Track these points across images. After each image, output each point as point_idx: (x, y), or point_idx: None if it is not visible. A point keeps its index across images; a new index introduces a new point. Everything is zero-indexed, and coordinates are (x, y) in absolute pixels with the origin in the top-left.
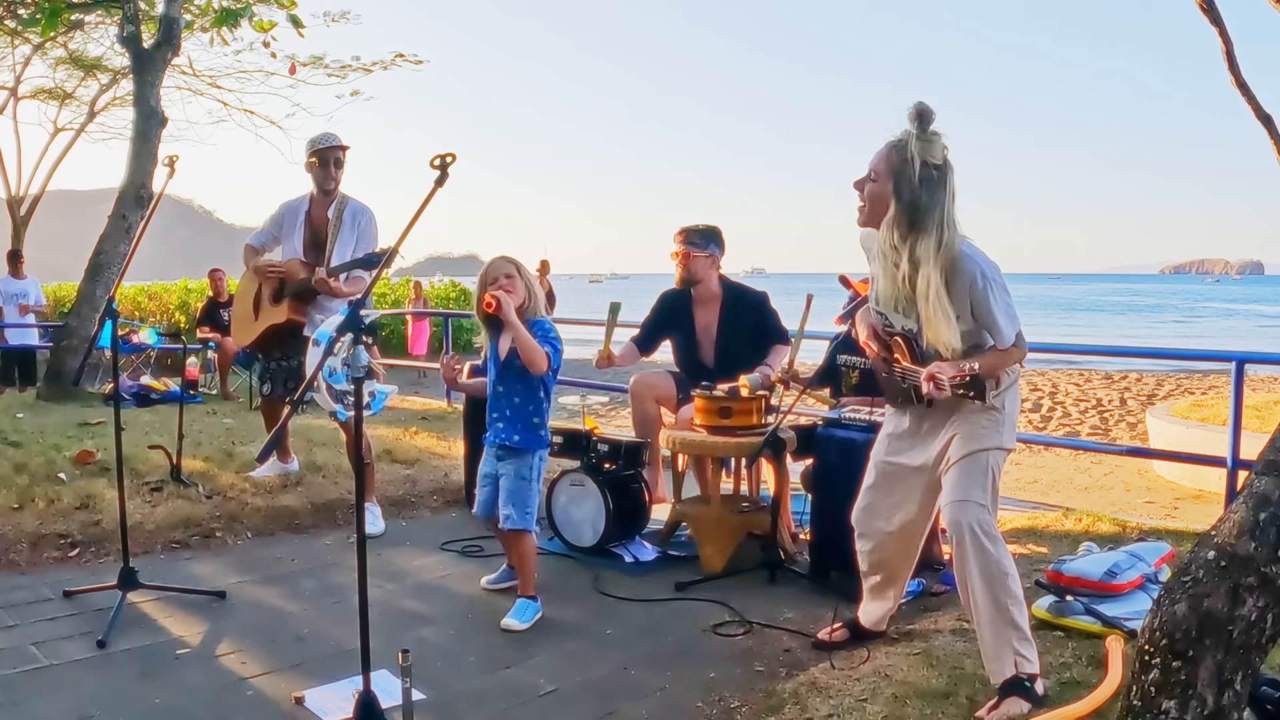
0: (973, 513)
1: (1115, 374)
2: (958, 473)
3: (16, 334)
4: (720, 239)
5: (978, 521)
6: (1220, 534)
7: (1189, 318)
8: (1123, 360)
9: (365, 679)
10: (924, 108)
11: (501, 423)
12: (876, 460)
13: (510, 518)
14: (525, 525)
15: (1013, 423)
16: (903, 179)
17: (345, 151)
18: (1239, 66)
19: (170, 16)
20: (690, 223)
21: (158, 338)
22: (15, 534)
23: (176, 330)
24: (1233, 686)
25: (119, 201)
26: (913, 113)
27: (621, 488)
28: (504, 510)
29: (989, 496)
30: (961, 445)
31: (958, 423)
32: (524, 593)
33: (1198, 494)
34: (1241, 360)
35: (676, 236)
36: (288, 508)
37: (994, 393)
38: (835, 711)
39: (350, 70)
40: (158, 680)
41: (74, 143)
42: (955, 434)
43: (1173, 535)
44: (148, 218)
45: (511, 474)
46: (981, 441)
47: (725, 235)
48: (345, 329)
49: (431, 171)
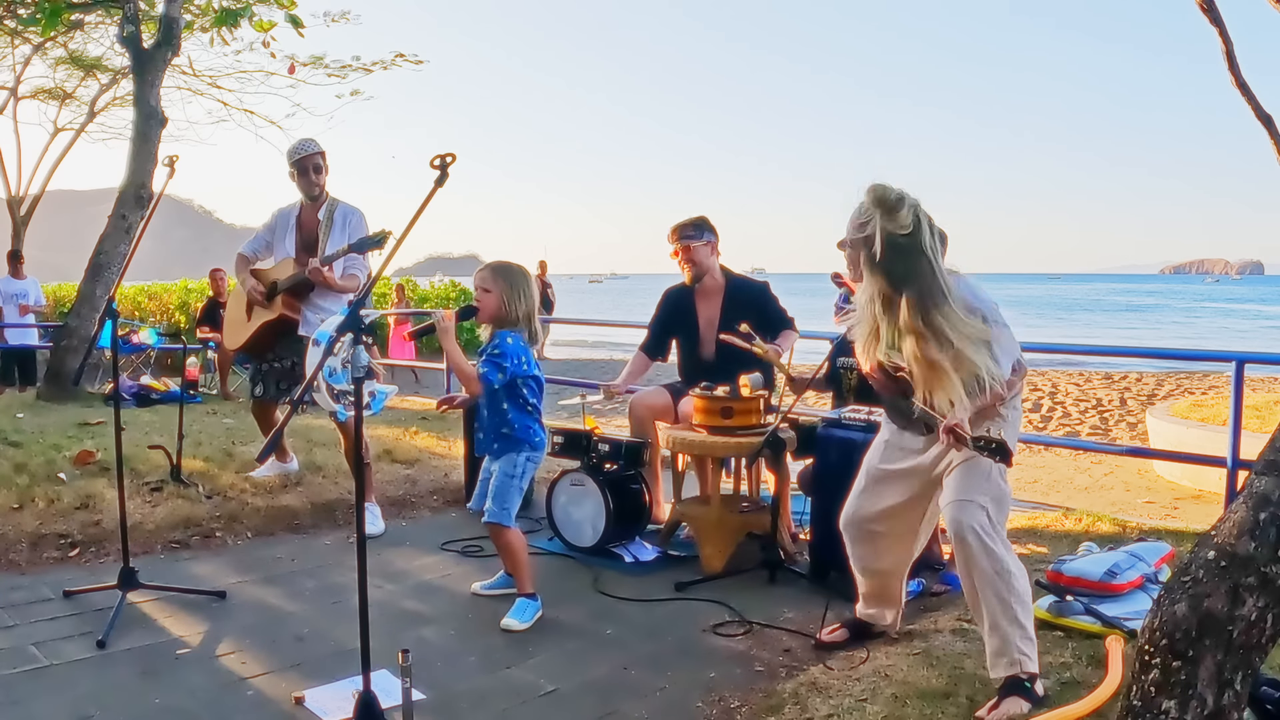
0: (974, 513)
1: (1115, 374)
2: (960, 474)
3: (16, 334)
4: (711, 226)
5: (978, 522)
6: (1220, 534)
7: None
8: (1123, 360)
9: (365, 679)
10: (880, 193)
11: (481, 433)
12: (870, 466)
13: (490, 511)
14: (500, 520)
15: (1016, 428)
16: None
17: (323, 156)
18: (1239, 66)
19: (170, 16)
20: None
21: (158, 338)
22: (15, 534)
23: (176, 330)
24: (1233, 686)
25: (119, 201)
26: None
27: (621, 488)
28: (486, 504)
29: (989, 498)
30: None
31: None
32: (521, 591)
33: (1198, 494)
34: (1241, 360)
35: (670, 237)
36: (288, 508)
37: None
38: (835, 711)
39: (350, 70)
40: (158, 680)
41: (74, 143)
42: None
43: (1173, 535)
44: (148, 218)
45: (497, 471)
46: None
47: (719, 230)
48: (345, 329)
49: (432, 171)
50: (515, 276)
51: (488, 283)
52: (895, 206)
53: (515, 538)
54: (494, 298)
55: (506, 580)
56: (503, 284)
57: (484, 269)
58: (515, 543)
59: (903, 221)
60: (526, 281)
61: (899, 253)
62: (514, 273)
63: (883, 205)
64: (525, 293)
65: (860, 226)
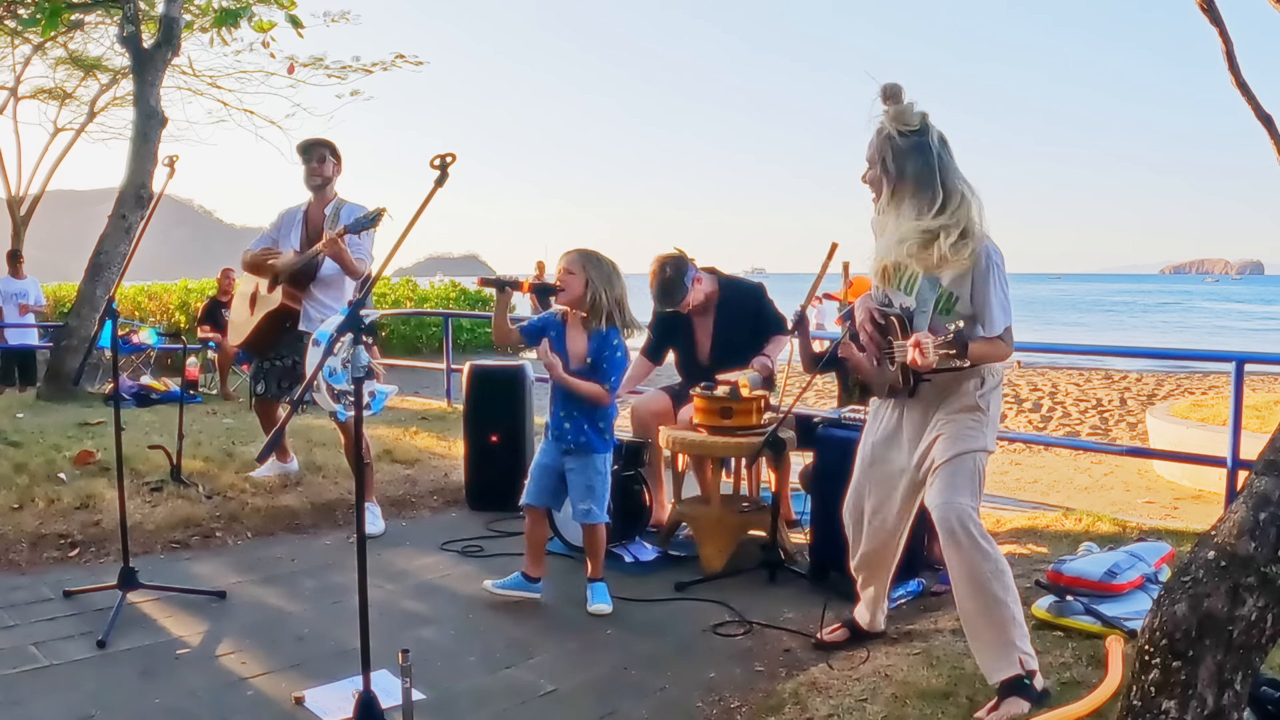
0: (962, 513)
1: (1115, 374)
2: (945, 474)
3: (16, 334)
4: (685, 262)
5: (969, 521)
6: (1220, 534)
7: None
8: (1123, 360)
9: (365, 679)
10: (889, 86)
11: (569, 423)
12: (860, 463)
13: (590, 512)
14: (604, 519)
15: (995, 424)
16: (887, 153)
17: (330, 149)
18: (1239, 66)
19: (170, 16)
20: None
21: (158, 338)
22: (15, 534)
23: (176, 330)
24: (1233, 686)
25: (119, 201)
26: (881, 93)
27: (622, 488)
28: (580, 505)
29: (977, 498)
30: (948, 447)
31: (942, 423)
32: (596, 576)
33: (1198, 494)
34: (1241, 360)
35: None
36: (288, 508)
37: (979, 392)
38: (835, 711)
39: (350, 71)
40: (158, 680)
41: (74, 143)
42: (939, 435)
43: (1173, 535)
44: (148, 218)
45: (585, 470)
46: (968, 444)
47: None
48: (345, 329)
49: (432, 171)
50: (603, 264)
51: (574, 266)
52: (899, 97)
53: (604, 533)
54: (578, 280)
55: (520, 581)
56: (591, 270)
57: (571, 252)
58: (603, 538)
59: (908, 118)
60: (614, 270)
61: (914, 150)
62: (601, 261)
63: (892, 98)
64: (613, 280)
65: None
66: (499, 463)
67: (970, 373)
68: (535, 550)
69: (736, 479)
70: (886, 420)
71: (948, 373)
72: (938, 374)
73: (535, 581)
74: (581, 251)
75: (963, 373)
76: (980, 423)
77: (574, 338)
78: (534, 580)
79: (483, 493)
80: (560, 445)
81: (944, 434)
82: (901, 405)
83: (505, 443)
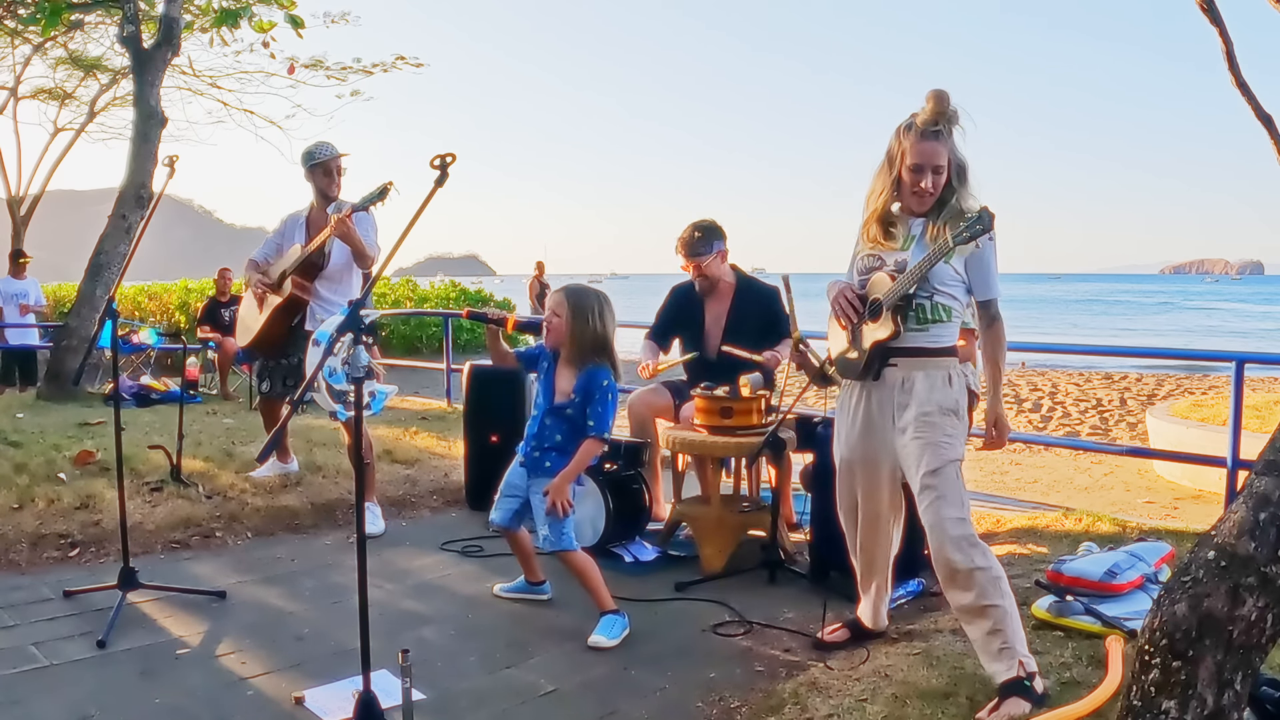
0: (953, 525)
1: (1115, 374)
2: (933, 492)
3: (16, 334)
4: (719, 232)
5: (960, 533)
6: (1220, 534)
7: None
8: (1123, 360)
9: (365, 679)
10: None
11: (539, 453)
12: (840, 459)
13: (548, 539)
14: (564, 546)
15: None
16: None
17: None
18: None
19: (170, 16)
20: (684, 230)
21: (158, 338)
22: (15, 534)
23: (176, 330)
24: (1233, 686)
25: (119, 201)
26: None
27: (622, 488)
28: (540, 530)
29: (966, 506)
30: (930, 457)
31: (920, 420)
32: (604, 608)
33: (1198, 494)
34: (1241, 360)
35: (679, 251)
36: (288, 508)
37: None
38: (835, 711)
39: (350, 72)
40: (158, 680)
41: (74, 143)
42: (918, 437)
43: (1173, 535)
44: (148, 218)
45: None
46: (950, 453)
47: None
48: (345, 329)
49: (432, 171)
50: (587, 304)
51: (560, 308)
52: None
53: (582, 559)
54: (562, 323)
55: (525, 586)
56: (574, 311)
57: (558, 292)
58: (583, 564)
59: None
60: (601, 309)
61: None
62: (587, 300)
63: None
64: (600, 319)
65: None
66: (499, 463)
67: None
68: (525, 560)
69: (737, 479)
70: (854, 410)
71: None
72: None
73: (539, 585)
74: (568, 291)
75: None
76: (958, 431)
77: (563, 373)
78: (537, 584)
79: (483, 493)
80: (533, 474)
81: (923, 437)
82: (867, 390)
83: (505, 443)
